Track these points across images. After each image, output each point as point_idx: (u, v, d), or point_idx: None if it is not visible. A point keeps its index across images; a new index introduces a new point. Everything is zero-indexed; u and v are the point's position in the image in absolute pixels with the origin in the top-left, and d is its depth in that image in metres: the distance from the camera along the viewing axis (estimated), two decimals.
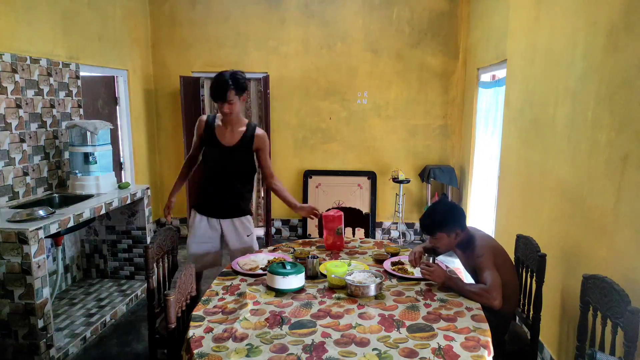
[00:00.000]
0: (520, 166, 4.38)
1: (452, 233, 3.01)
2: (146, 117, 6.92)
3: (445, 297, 2.74)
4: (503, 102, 4.96)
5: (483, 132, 5.98)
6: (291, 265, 2.91)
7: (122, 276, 5.39)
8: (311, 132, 7.14)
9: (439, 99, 6.93)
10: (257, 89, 7.09)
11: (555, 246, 3.53)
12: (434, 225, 3.03)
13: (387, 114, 7.02)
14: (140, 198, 5.12)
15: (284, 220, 7.37)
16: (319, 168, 7.19)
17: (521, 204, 4.33)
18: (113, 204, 4.54)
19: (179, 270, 2.61)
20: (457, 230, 3.01)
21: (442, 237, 3.03)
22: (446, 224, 3.00)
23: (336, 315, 2.49)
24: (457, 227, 3.01)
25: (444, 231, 3.01)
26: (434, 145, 7.04)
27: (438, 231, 3.02)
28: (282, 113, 7.11)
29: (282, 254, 3.53)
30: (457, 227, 3.01)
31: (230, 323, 2.41)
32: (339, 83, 7.00)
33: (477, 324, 2.41)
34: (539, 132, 3.95)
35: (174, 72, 7.05)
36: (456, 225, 3.01)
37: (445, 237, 3.02)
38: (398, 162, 7.08)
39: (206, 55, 7.03)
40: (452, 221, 3.01)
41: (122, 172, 6.33)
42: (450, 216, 3.02)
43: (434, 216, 3.04)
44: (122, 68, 6.21)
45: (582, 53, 3.24)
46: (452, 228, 3.00)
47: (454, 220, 3.01)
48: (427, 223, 3.05)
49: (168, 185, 7.31)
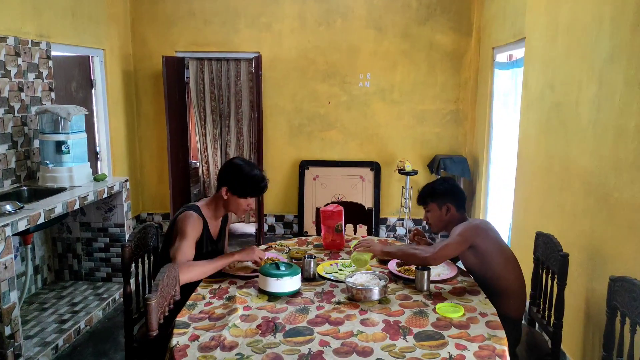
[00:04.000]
0: (539, 156, 4.37)
1: (442, 206, 3.26)
2: (125, 101, 6.89)
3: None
4: (521, 85, 4.95)
5: (499, 118, 5.97)
6: (286, 266, 2.90)
7: (98, 278, 5.38)
8: (308, 119, 7.13)
9: (450, 81, 6.92)
10: (247, 70, 7.08)
11: (578, 245, 3.53)
12: (427, 194, 3.34)
13: (392, 98, 7.01)
14: (119, 191, 5.10)
15: (278, 216, 7.37)
16: (317, 158, 7.19)
17: (541, 198, 4.33)
18: (88, 198, 4.52)
19: (161, 272, 2.60)
20: (449, 204, 3.26)
21: (433, 208, 3.31)
22: (439, 195, 3.28)
23: (336, 322, 2.49)
24: (448, 201, 3.26)
25: (436, 202, 3.29)
26: (445, 133, 7.04)
27: (430, 200, 3.32)
28: (276, 97, 7.09)
29: (275, 253, 3.52)
30: (449, 201, 3.26)
31: (218, 330, 2.40)
32: (339, 64, 6.98)
33: (492, 331, 2.40)
34: (561, 118, 3.93)
35: (155, 51, 7.02)
36: (448, 198, 3.27)
37: (435, 208, 3.30)
38: (404, 152, 7.08)
39: (191, 33, 7.00)
40: (445, 194, 3.28)
41: (98, 162, 6.31)
42: (446, 190, 3.30)
43: (431, 186, 3.37)
44: (98, 47, 6.17)
45: (608, 30, 3.22)
46: (444, 200, 3.26)
47: (448, 194, 3.28)
48: (423, 191, 3.39)
49: (149, 177, 7.31)
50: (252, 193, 3.24)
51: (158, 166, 7.30)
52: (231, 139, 7.30)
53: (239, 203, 3.25)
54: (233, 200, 3.24)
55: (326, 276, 3.07)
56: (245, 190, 3.22)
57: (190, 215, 3.15)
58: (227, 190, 3.22)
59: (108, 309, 4.94)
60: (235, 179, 3.21)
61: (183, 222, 3.11)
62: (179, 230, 3.09)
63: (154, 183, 7.38)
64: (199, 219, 3.17)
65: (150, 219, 7.44)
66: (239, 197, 3.23)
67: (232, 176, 3.22)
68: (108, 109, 6.38)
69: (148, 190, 7.41)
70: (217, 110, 7.24)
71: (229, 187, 3.21)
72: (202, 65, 7.11)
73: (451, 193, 3.29)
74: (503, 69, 5.82)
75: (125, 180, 5.21)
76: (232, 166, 3.26)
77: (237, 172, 3.22)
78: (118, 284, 5.30)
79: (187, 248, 3.00)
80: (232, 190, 3.22)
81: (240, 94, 7.15)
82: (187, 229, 3.06)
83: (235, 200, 3.24)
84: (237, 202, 3.25)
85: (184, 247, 2.99)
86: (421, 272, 2.91)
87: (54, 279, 5.42)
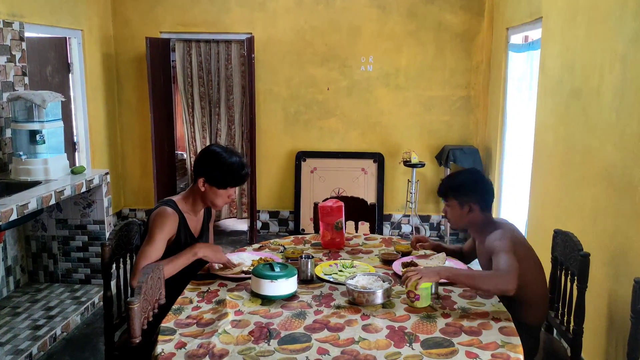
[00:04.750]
0: (558, 147, 4.37)
1: (465, 205, 3.13)
2: (105, 87, 6.87)
3: (467, 306, 2.73)
4: (537, 69, 4.94)
5: (514, 105, 5.97)
6: (281, 266, 2.90)
7: (75, 280, 5.37)
8: (305, 106, 7.13)
9: (460, 65, 6.91)
10: (239, 53, 7.06)
11: (600, 244, 3.53)
12: (450, 188, 3.20)
13: (397, 84, 7.00)
14: (98, 185, 5.09)
15: (272, 212, 7.37)
16: (315, 149, 7.19)
17: (559, 193, 4.33)
18: (65, 193, 4.51)
19: (144, 273, 2.59)
20: (472, 204, 3.12)
21: (454, 205, 3.17)
22: (462, 191, 3.14)
23: (335, 328, 2.48)
24: (472, 200, 3.12)
25: (458, 198, 3.15)
26: (454, 122, 7.03)
27: (451, 196, 3.17)
28: (270, 82, 7.08)
29: (269, 253, 3.52)
30: (473, 201, 3.12)
31: (207, 337, 2.40)
32: (338, 46, 6.97)
33: (507, 338, 2.40)
34: (581, 105, 3.93)
35: (138, 32, 6.99)
36: (473, 197, 3.13)
37: (456, 206, 3.16)
38: (410, 142, 7.07)
39: (177, 13, 6.97)
40: (470, 190, 3.14)
41: (76, 153, 6.30)
42: (470, 185, 3.17)
43: (454, 178, 3.26)
44: (76, 28, 6.15)
45: (633, 9, 3.20)
46: (467, 199, 3.13)
47: (472, 191, 3.14)
48: (444, 183, 3.25)
49: (131, 170, 7.31)
50: (231, 183, 3.21)
51: (141, 158, 7.28)
52: (221, 128, 7.29)
53: (218, 194, 3.22)
54: (211, 192, 3.21)
55: (325, 278, 3.07)
56: (224, 180, 3.18)
57: (162, 212, 3.12)
58: (205, 182, 3.19)
59: (87, 314, 4.93)
60: (212, 168, 3.18)
61: (153, 222, 3.08)
62: (148, 230, 3.07)
63: (136, 176, 7.36)
64: (174, 214, 3.14)
65: (133, 216, 7.43)
66: (218, 188, 3.20)
67: (209, 165, 3.19)
68: (87, 96, 6.36)
69: (130, 184, 7.40)
70: (206, 96, 7.23)
71: (206, 177, 3.18)
72: (189, 47, 7.09)
73: (478, 191, 3.14)
74: (518, 52, 5.81)
75: (105, 173, 5.19)
76: (208, 154, 3.24)
77: (214, 160, 3.19)
78: (97, 287, 5.29)
79: (152, 252, 2.97)
80: (210, 181, 3.18)
81: (231, 79, 7.14)
82: (156, 229, 3.03)
83: (214, 192, 3.21)
84: (216, 194, 3.22)
85: (148, 251, 2.96)
86: None
87: (28, 280, 5.41)
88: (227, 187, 3.21)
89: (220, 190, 3.21)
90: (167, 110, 7.16)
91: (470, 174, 3.28)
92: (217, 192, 3.21)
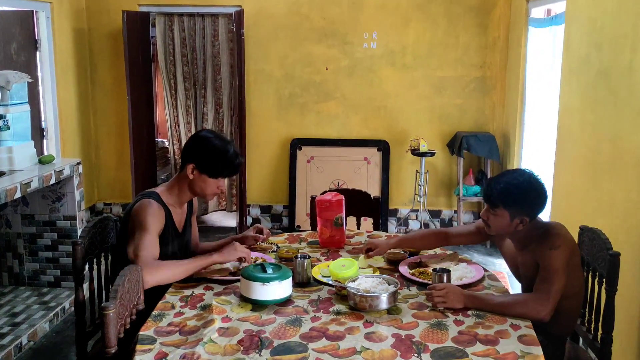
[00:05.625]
0: (584, 133, 4.36)
1: (516, 218, 2.94)
2: (77, 66, 6.86)
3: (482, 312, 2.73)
4: (561, 46, 4.93)
5: (535, 86, 5.96)
6: (273, 267, 2.89)
7: (43, 283, 5.36)
8: (301, 88, 7.12)
9: (474, 42, 6.90)
10: (227, 28, 7.04)
11: (632, 242, 3.53)
12: (503, 196, 2.93)
13: (403, 63, 6.99)
14: (69, 176, 5.08)
15: (264, 207, 7.37)
16: (312, 136, 7.19)
17: (586, 185, 4.32)
18: (32, 185, 4.50)
19: (120, 275, 2.58)
20: (525, 217, 2.94)
21: (503, 215, 2.95)
22: (518, 202, 2.92)
23: (335, 336, 2.48)
24: (526, 213, 2.94)
25: (509, 210, 2.93)
26: (468, 105, 7.03)
27: (503, 206, 2.94)
28: (262, 61, 7.07)
29: (261, 252, 3.51)
30: (526, 213, 2.94)
31: (191, 346, 2.39)
32: (338, 21, 6.96)
33: (527, 347, 2.39)
34: (611, 86, 3.92)
35: (114, 5, 6.97)
36: (528, 209, 2.94)
37: (506, 217, 2.94)
38: (419, 128, 7.06)
39: None
40: (526, 202, 2.93)
41: (44, 141, 6.28)
42: (529, 196, 2.93)
43: (509, 185, 2.95)
44: (44, 0, 6.12)
45: None
46: (522, 211, 2.93)
47: (529, 203, 2.94)
48: (495, 189, 2.96)
49: (106, 159, 7.30)
50: (224, 172, 3.24)
51: (117, 145, 7.27)
52: (208, 112, 7.28)
53: (208, 184, 3.23)
54: (200, 181, 3.22)
55: (323, 280, 3.07)
56: (217, 168, 3.20)
57: (148, 204, 3.11)
58: (195, 168, 3.20)
59: (56, 321, 4.92)
60: (204, 154, 3.19)
61: (140, 213, 3.07)
62: (136, 223, 3.05)
63: (112, 166, 7.35)
64: (160, 208, 3.14)
65: (108, 211, 7.42)
66: (209, 176, 3.21)
67: (201, 151, 3.20)
68: (56, 76, 6.33)
69: (105, 175, 7.39)
70: (190, 77, 7.21)
71: (197, 163, 3.19)
72: (171, 21, 7.06)
73: (535, 203, 2.96)
74: (539, 27, 5.79)
75: (77, 163, 5.18)
76: (199, 139, 3.26)
77: (206, 146, 3.21)
78: (68, 290, 5.28)
79: (149, 243, 2.97)
80: (201, 168, 3.19)
81: (219, 57, 7.12)
82: (148, 219, 3.03)
83: (204, 180, 3.22)
84: (206, 183, 3.23)
85: (146, 242, 2.97)
86: (439, 275, 2.89)
87: None
88: (219, 176, 3.23)
89: (211, 179, 3.22)
90: (147, 92, 7.14)
91: (529, 181, 2.98)
92: (207, 180, 3.22)
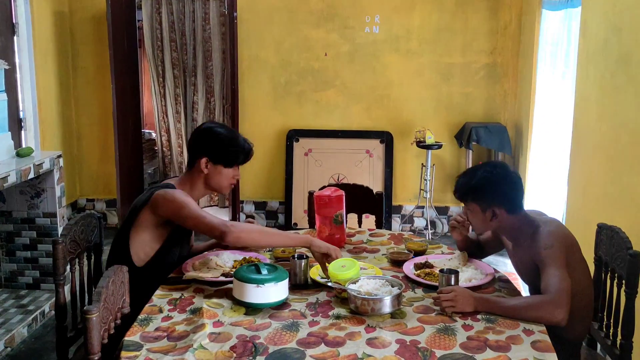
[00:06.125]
0: (603, 124, 4.36)
1: (487, 209, 3.05)
2: (58, 52, 6.85)
3: (493, 316, 2.72)
4: (577, 30, 4.93)
5: (549, 74, 5.96)
6: (269, 268, 2.89)
7: (22, 284, 5.37)
8: (298, 75, 7.12)
9: (484, 26, 6.90)
10: (219, 11, 7.03)
11: None
12: (469, 190, 3.11)
13: (408, 48, 6.99)
14: (49, 170, 5.07)
15: (259, 203, 7.38)
16: (310, 127, 7.20)
17: (604, 180, 4.32)
18: (9, 180, 4.50)
19: (104, 277, 2.58)
20: (495, 208, 3.03)
21: (475, 209, 3.11)
22: (481, 192, 3.06)
23: (335, 342, 2.47)
24: (495, 204, 3.03)
25: (477, 202, 3.08)
26: (478, 94, 7.04)
27: (471, 200, 3.11)
28: (256, 47, 7.07)
29: (255, 252, 3.50)
30: (497, 204, 3.03)
31: (179, 353, 2.39)
32: (338, 3, 6.96)
33: (541, 354, 2.39)
34: (631, 73, 3.91)
35: None
36: (496, 199, 3.04)
37: (478, 210, 3.09)
38: (425, 119, 7.07)
39: None
40: (491, 191, 3.04)
41: (23, 132, 6.24)
42: (491, 184, 3.05)
43: (471, 176, 3.14)
44: None
45: None
46: (489, 202, 3.04)
47: (493, 192, 3.04)
48: (461, 183, 3.15)
49: (89, 152, 7.30)
50: (238, 158, 3.34)
51: (101, 137, 7.27)
52: (198, 101, 7.28)
53: (225, 174, 3.33)
54: (216, 173, 3.32)
55: (322, 282, 3.06)
56: (231, 156, 3.31)
57: (174, 191, 3.21)
58: (208, 161, 3.29)
59: (35, 325, 4.92)
60: (215, 144, 3.31)
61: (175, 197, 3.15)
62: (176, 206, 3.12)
63: (95, 159, 7.35)
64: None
65: (91, 207, 7.42)
66: (225, 166, 3.31)
67: (210, 142, 3.31)
68: (35, 63, 6.32)
69: (88, 169, 7.39)
70: (179, 63, 7.20)
71: (210, 156, 3.29)
72: (159, 4, 7.05)
73: (500, 191, 3.05)
74: (554, 10, 5.78)
75: (57, 156, 5.18)
76: (205, 132, 3.38)
77: (215, 136, 3.33)
78: (48, 292, 5.28)
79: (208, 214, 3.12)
80: (215, 159, 3.29)
81: (210, 42, 7.11)
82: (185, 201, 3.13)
83: (220, 172, 3.32)
84: (222, 174, 3.33)
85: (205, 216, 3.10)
86: (447, 276, 2.90)
87: None
88: (234, 163, 3.34)
89: (227, 169, 3.33)
90: (133, 80, 7.13)
91: (489, 170, 3.14)
92: (223, 171, 3.33)
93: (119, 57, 6.66)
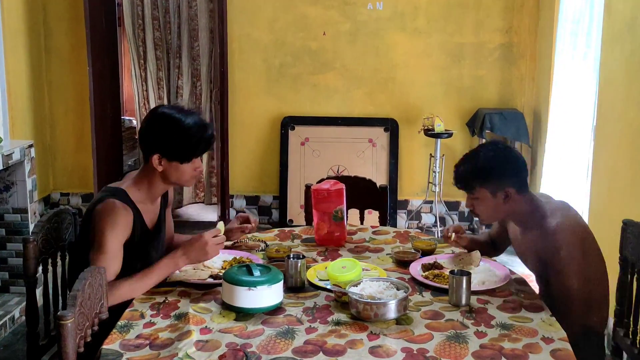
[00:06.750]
0: (629, 110, 4.37)
1: (499, 192, 3.05)
2: (28, 31, 6.83)
3: (509, 322, 2.73)
4: (602, 7, 4.93)
5: (570, 55, 5.95)
6: (261, 269, 2.89)
7: None
8: (294, 56, 7.13)
9: (499, 2, 6.91)
10: None
11: None
12: (474, 175, 3.10)
13: (415, 27, 7.00)
14: (19, 162, 5.08)
15: (250, 198, 7.39)
16: (307, 114, 7.21)
17: (631, 172, 4.33)
18: None
19: (80, 279, 2.57)
20: (508, 188, 3.05)
21: (484, 196, 3.09)
22: (493, 176, 3.06)
23: (334, 351, 2.47)
24: (507, 184, 3.05)
25: (488, 186, 3.06)
26: (492, 77, 7.05)
27: (479, 185, 3.08)
28: (248, 25, 7.07)
29: (246, 251, 3.51)
30: (508, 184, 3.05)
31: None
32: None
33: None
34: None
35: None
36: (507, 180, 3.06)
37: (488, 196, 3.08)
38: (433, 105, 7.08)
39: None
40: (501, 171, 3.06)
41: None
42: (502, 163, 3.08)
43: (475, 160, 3.14)
44: None
45: None
46: (501, 183, 3.05)
47: (504, 170, 3.06)
48: (464, 170, 3.15)
49: (63, 141, 7.29)
50: (196, 151, 3.18)
51: (76, 125, 7.27)
52: (183, 85, 7.28)
53: (183, 170, 3.17)
54: (173, 170, 3.16)
55: (320, 285, 3.07)
56: (186, 150, 3.14)
57: (111, 207, 3.05)
58: (161, 158, 3.13)
59: (4, 333, 4.92)
60: (167, 138, 3.12)
61: (100, 221, 3.03)
62: (96, 233, 3.02)
63: (70, 150, 7.35)
64: (126, 210, 3.08)
65: (65, 202, 7.43)
66: (181, 162, 3.14)
67: (162, 135, 3.12)
68: (4, 43, 6.28)
69: (62, 160, 7.40)
70: (162, 44, 7.20)
71: (162, 152, 3.12)
72: None
73: (510, 169, 3.09)
74: None
75: (28, 146, 5.20)
76: (157, 120, 3.20)
77: (166, 127, 3.13)
78: (18, 296, 5.29)
79: (109, 263, 2.94)
80: (168, 156, 3.12)
81: (196, 20, 7.11)
82: (106, 231, 2.99)
83: (176, 168, 3.15)
84: (180, 170, 3.16)
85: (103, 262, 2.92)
86: (458, 278, 2.89)
87: None
88: (192, 157, 3.17)
89: (185, 165, 3.16)
90: (111, 62, 7.14)
91: (492, 149, 3.20)
92: (180, 167, 3.15)
93: (96, 37, 6.65)
